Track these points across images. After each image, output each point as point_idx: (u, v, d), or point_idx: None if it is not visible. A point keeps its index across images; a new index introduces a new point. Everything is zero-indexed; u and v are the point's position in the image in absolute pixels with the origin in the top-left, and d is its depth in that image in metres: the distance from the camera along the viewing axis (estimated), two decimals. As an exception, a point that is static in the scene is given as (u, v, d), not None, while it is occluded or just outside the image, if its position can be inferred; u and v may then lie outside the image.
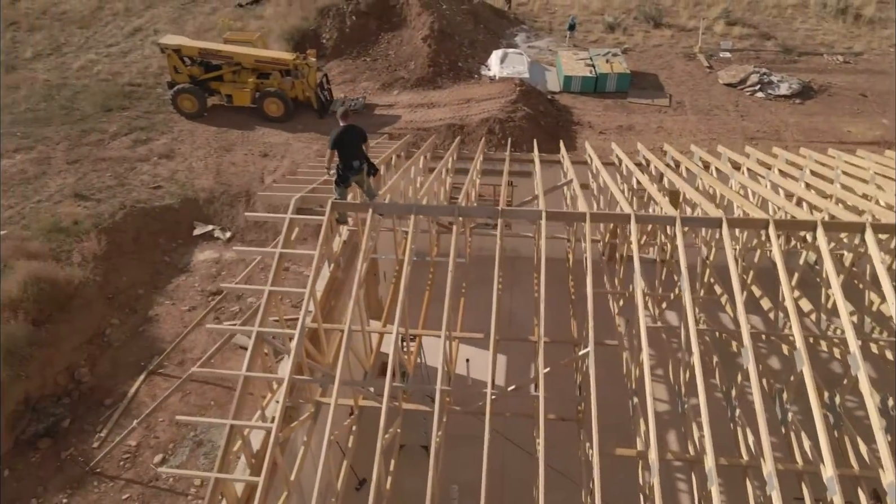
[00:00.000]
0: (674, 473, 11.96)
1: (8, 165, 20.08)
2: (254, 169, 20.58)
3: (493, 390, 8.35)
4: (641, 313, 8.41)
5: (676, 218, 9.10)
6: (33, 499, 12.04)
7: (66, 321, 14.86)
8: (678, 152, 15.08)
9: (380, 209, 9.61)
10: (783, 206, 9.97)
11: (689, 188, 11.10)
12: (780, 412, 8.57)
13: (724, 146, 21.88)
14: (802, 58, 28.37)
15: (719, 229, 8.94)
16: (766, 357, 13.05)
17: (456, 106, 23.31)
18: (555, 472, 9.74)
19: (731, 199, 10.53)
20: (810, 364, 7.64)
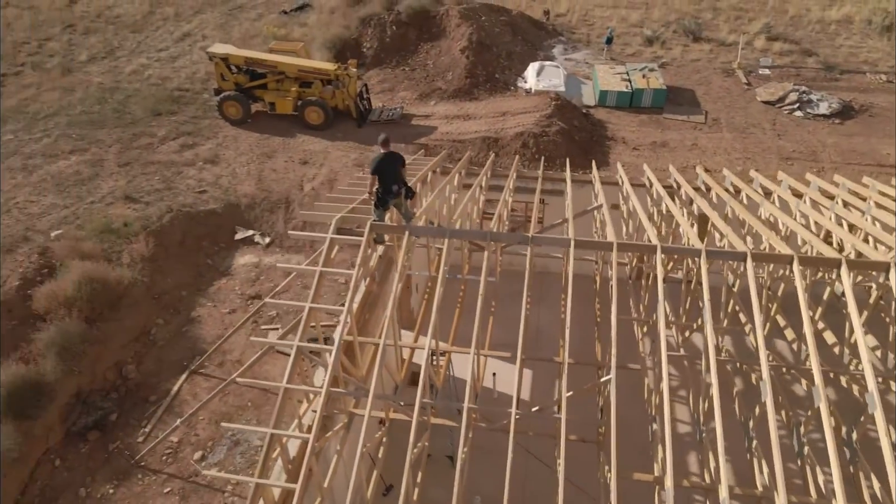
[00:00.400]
0: (691, 499, 12.22)
1: (64, 166, 21.17)
2: (293, 176, 21.31)
3: (518, 410, 8.77)
4: (663, 344, 8.74)
5: (702, 251, 9.40)
6: (82, 488, 12.85)
7: (116, 320, 15.72)
8: (709, 176, 15.25)
9: (415, 232, 10.10)
10: (810, 240, 10.17)
11: (716, 217, 11.35)
12: (796, 445, 8.82)
13: (759, 166, 21.95)
14: (844, 76, 28.04)
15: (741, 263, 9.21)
16: (790, 385, 13.21)
17: (491, 119, 23.72)
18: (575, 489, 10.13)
19: (758, 230, 10.75)
20: (827, 401, 7.89)
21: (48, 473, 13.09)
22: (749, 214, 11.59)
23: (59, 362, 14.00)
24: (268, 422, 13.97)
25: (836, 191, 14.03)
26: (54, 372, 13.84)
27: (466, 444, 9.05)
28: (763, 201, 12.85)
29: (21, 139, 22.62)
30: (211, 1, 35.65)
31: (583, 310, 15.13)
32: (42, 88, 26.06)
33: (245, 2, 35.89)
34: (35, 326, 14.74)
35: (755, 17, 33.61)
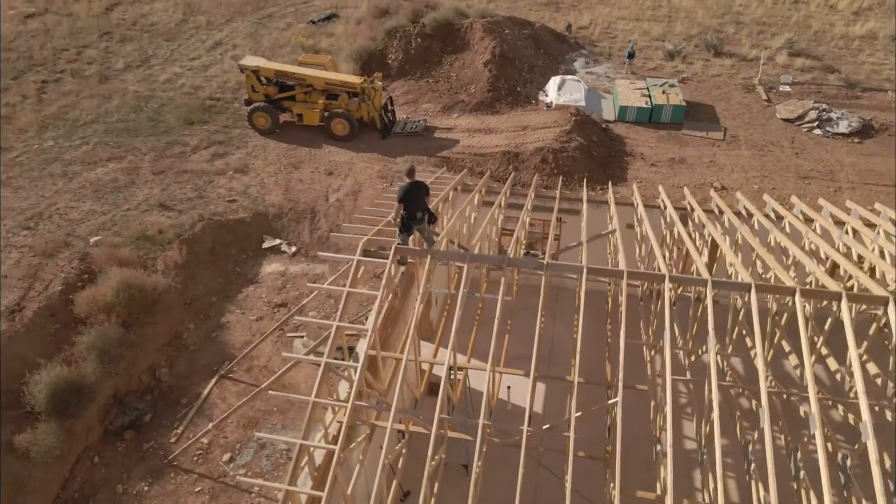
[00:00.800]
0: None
1: (102, 173, 22.14)
2: (319, 187, 22.07)
3: (529, 428, 9.37)
4: (668, 368, 9.28)
5: (708, 281, 9.91)
6: (119, 484, 13.69)
7: (150, 324, 16.58)
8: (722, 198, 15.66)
9: (438, 256, 10.74)
10: (814, 271, 10.61)
11: (726, 245, 11.83)
12: (793, 468, 9.30)
13: (776, 184, 22.27)
14: (866, 94, 28.14)
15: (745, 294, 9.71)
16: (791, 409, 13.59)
17: (512, 133, 24.28)
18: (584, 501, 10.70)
19: (765, 260, 11.21)
20: (823, 427, 8.38)
21: (87, 470, 13.96)
22: (757, 244, 12.04)
23: (99, 365, 14.87)
24: (292, 426, 14.79)
25: (847, 217, 14.34)
26: (94, 374, 14.71)
27: (481, 457, 9.66)
28: (773, 228, 13.28)
29: (61, 146, 23.66)
30: (241, 10, 36.62)
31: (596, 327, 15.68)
32: (81, 96, 27.13)
33: (275, 11, 36.80)
34: (77, 330, 15.64)
35: (778, 31, 33.74)
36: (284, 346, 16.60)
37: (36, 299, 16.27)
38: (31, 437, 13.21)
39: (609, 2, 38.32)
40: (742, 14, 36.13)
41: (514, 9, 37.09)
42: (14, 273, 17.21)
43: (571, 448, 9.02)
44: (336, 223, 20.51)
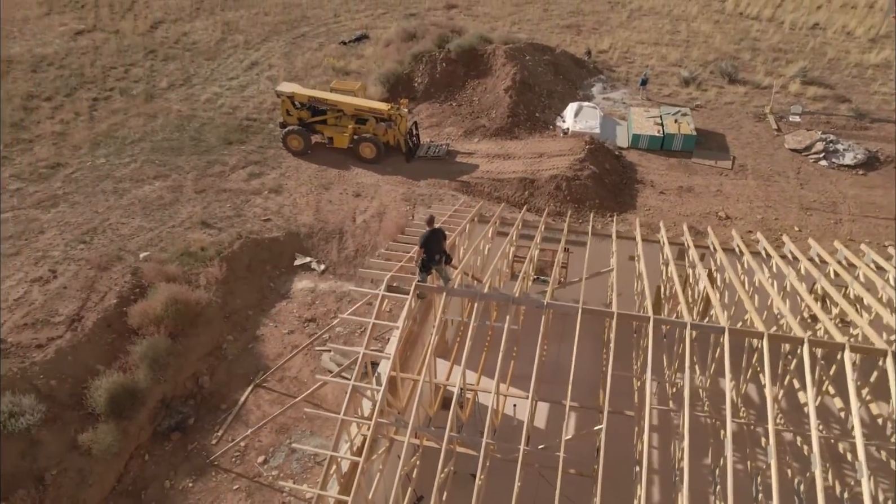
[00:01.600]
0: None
1: (149, 191, 24.10)
2: (347, 208, 23.76)
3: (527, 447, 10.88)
4: (648, 399, 10.71)
5: (688, 324, 11.33)
6: (167, 480, 15.49)
7: (194, 335, 18.40)
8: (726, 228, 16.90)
9: (452, 293, 12.30)
10: (823, 320, 11.81)
11: (710, 287, 13.22)
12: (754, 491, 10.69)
13: (779, 215, 23.48)
14: (875, 124, 29.06)
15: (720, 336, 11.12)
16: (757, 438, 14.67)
17: (529, 159, 25.73)
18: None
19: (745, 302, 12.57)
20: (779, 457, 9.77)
21: (139, 466, 15.79)
22: (741, 287, 13.37)
23: (150, 372, 16.70)
24: (319, 433, 16.48)
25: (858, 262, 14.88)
26: (145, 380, 16.54)
27: (484, 471, 11.18)
28: (756, 270, 14.58)
29: (112, 163, 25.69)
30: (276, 29, 38.54)
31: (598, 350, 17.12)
32: (129, 114, 29.20)
33: (308, 30, 38.65)
34: (130, 340, 17.51)
35: (794, 58, 34.68)
36: (314, 360, 18.31)
37: (94, 310, 18.17)
38: (92, 436, 15.06)
39: (630, 25, 39.52)
40: (759, 40, 37.09)
41: (537, 31, 38.52)
42: (73, 284, 19.15)
43: (561, 466, 10.52)
44: (362, 244, 22.20)
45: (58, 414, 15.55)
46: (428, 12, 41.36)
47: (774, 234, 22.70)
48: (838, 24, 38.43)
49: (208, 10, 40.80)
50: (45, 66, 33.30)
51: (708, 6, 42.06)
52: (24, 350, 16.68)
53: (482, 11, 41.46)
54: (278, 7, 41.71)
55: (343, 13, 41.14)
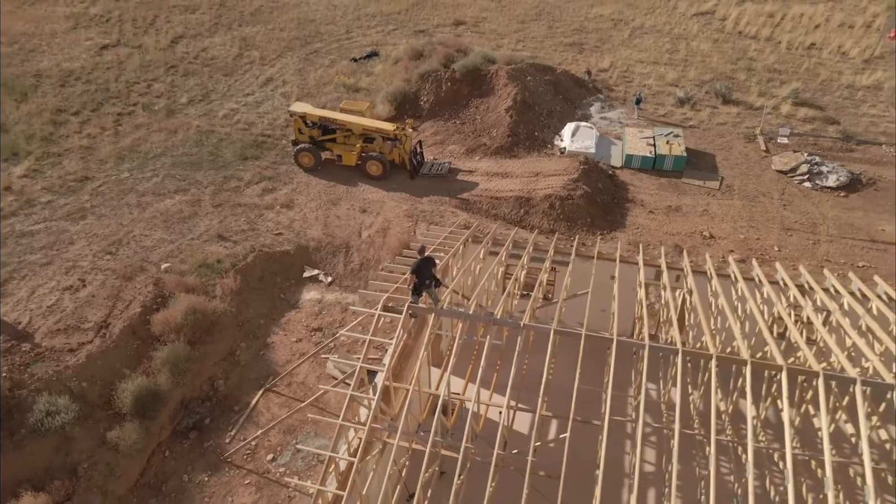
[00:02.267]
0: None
1: (170, 205, 25.86)
2: (353, 223, 25.38)
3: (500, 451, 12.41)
4: (608, 410, 12.21)
5: (646, 346, 12.82)
6: (185, 475, 17.18)
7: (210, 343, 20.10)
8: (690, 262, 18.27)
9: (441, 314, 13.85)
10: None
11: (672, 311, 14.68)
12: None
13: (761, 235, 24.81)
14: (861, 146, 30.26)
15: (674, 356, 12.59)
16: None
17: (526, 178, 27.23)
18: None
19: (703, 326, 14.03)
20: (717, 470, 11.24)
21: (160, 462, 17.49)
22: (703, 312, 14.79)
23: (170, 376, 18.42)
24: (323, 434, 18.09)
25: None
26: (167, 383, 18.25)
27: (464, 472, 12.71)
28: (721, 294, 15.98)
29: (136, 177, 27.49)
30: (290, 45, 40.26)
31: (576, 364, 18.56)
32: (151, 129, 31.01)
33: (321, 46, 40.33)
34: (152, 346, 19.24)
35: (788, 79, 35.87)
36: (320, 366, 19.94)
37: (120, 318, 19.93)
38: (119, 434, 16.78)
39: (631, 44, 40.86)
40: (756, 60, 38.30)
41: (541, 48, 39.96)
42: (100, 293, 20.93)
43: (529, 468, 12.04)
44: (367, 258, 23.81)
45: (89, 413, 17.31)
46: (437, 29, 42.92)
47: (755, 253, 24.06)
48: (834, 45, 39.53)
49: (226, 26, 42.60)
50: (72, 80, 35.23)
51: (708, 24, 43.27)
52: (58, 354, 18.46)
53: (489, 28, 42.94)
54: (293, 23, 43.43)
55: (355, 29, 42.79)
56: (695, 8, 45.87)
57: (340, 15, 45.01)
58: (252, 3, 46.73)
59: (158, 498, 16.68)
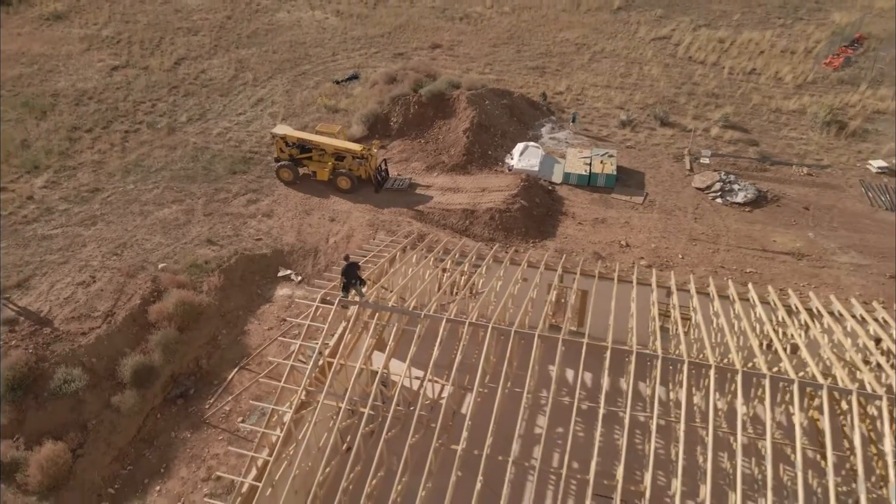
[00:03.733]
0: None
1: (168, 213, 30.34)
2: (323, 231, 29.77)
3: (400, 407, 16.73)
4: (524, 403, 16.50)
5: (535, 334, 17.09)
6: (172, 433, 21.60)
7: (196, 329, 24.54)
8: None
9: (364, 305, 18.21)
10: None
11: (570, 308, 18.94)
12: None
13: (670, 244, 28.90)
14: (774, 167, 34.36)
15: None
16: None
17: (474, 193, 31.54)
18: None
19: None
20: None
21: (153, 422, 21.93)
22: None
23: (163, 355, 22.86)
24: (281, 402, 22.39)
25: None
26: (159, 361, 22.70)
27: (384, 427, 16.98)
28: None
29: (139, 189, 32.01)
30: (281, 66, 44.72)
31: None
32: (153, 146, 35.54)
33: (308, 68, 44.77)
34: (149, 331, 23.68)
35: (723, 104, 39.95)
36: (285, 349, 24.31)
37: (123, 308, 24.41)
38: (121, 399, 21.23)
39: (589, 67, 45.06)
40: (699, 84, 42.40)
41: (507, 71, 44.25)
42: (108, 288, 25.42)
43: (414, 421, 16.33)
44: (332, 260, 28.15)
45: (97, 382, 21.79)
46: (415, 51, 47.29)
47: (662, 260, 28.24)
48: (772, 71, 43.56)
49: (224, 48, 47.13)
50: (85, 99, 39.84)
51: (662, 50, 47.38)
52: (72, 336, 22.96)
53: (462, 52, 47.25)
54: (285, 45, 47.91)
55: (341, 51, 47.21)
56: (654, 33, 50.00)
57: (329, 37, 49.46)
58: (249, 25, 51.28)
59: (151, 450, 21.14)
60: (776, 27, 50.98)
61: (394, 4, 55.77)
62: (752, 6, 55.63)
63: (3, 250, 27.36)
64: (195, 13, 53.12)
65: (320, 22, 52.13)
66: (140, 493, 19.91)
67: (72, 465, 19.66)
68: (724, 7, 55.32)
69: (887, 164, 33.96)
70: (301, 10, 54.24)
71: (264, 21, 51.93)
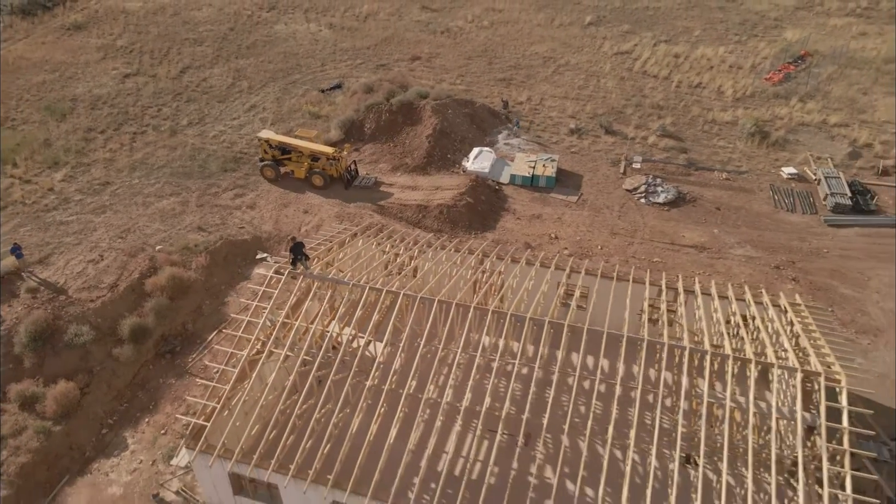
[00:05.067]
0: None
1: (166, 204, 35.58)
2: (297, 221, 34.86)
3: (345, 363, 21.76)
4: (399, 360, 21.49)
5: (435, 301, 22.01)
6: (161, 379, 26.78)
7: (184, 299, 29.72)
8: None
9: (308, 276, 23.22)
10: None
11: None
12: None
13: (592, 236, 33.67)
14: (698, 171, 38.95)
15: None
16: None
17: (429, 191, 36.50)
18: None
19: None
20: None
21: (146, 371, 27.12)
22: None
23: (155, 319, 28.06)
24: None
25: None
26: (153, 324, 27.90)
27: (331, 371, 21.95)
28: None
29: (143, 183, 37.30)
30: (274, 76, 49.91)
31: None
32: (157, 146, 40.87)
33: (299, 77, 49.91)
34: (145, 299, 28.87)
35: (665, 115, 44.52)
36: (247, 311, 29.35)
37: (125, 281, 29.64)
38: (120, 351, 26.45)
39: (552, 79, 49.79)
40: (647, 97, 46.97)
41: (477, 82, 49.11)
42: (113, 265, 30.66)
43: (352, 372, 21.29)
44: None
45: (101, 338, 27.02)
46: (396, 63, 52.28)
47: (584, 250, 33.00)
48: (716, 85, 48.06)
49: (224, 58, 52.44)
50: (100, 104, 45.29)
51: (621, 64, 51.98)
52: (83, 302, 28.21)
53: (439, 64, 52.17)
54: (280, 56, 53.11)
55: (329, 62, 52.33)
56: (617, 48, 54.60)
57: (320, 49, 54.60)
58: (249, 37, 56.57)
59: (143, 392, 26.34)
60: (731, 43, 55.36)
61: (382, 18, 60.80)
62: (714, 22, 59.99)
63: (26, 233, 32.74)
64: (201, 25, 58.50)
65: (314, 34, 57.28)
66: (133, 423, 25.12)
67: (80, 400, 24.92)
68: (688, 23, 59.74)
69: (797, 170, 38.48)
70: (297, 23, 59.43)
71: (263, 33, 57.18)
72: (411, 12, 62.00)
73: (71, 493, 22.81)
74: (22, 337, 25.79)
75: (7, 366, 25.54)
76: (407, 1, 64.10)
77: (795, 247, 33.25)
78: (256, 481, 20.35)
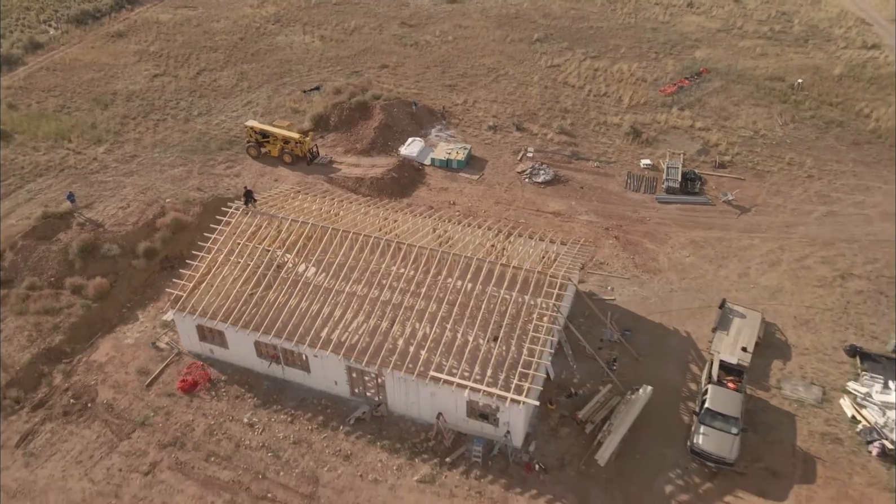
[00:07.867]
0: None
1: (176, 172, 48.99)
2: (269, 186, 47.88)
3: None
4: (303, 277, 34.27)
5: (361, 236, 34.76)
6: (162, 282, 40.01)
7: (183, 234, 42.94)
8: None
9: (254, 212, 36.08)
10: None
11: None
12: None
13: (480, 205, 46.14)
14: (577, 161, 50.92)
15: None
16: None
17: (367, 168, 49.24)
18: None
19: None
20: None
21: (154, 278, 40.40)
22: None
23: (161, 245, 41.43)
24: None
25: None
26: (159, 248, 41.25)
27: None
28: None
29: (161, 157, 50.79)
30: (270, 78, 63.12)
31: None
32: (174, 130, 54.38)
33: (289, 79, 63.01)
34: (155, 232, 42.17)
35: (568, 117, 56.42)
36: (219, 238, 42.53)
37: (143, 219, 43.06)
38: (137, 263, 39.87)
39: (489, 87, 62.02)
40: (559, 102, 58.83)
41: (427, 87, 61.59)
42: (135, 210, 44.14)
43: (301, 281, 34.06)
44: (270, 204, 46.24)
45: (125, 254, 40.41)
46: (368, 70, 65.02)
47: (471, 213, 45.27)
48: (618, 94, 59.76)
49: (233, 63, 65.84)
50: (133, 97, 59.05)
51: (548, 76, 63.86)
52: (114, 232, 41.67)
53: (402, 72, 64.73)
54: (277, 62, 66.29)
55: (315, 68, 65.34)
56: (551, 62, 66.46)
57: (309, 57, 67.66)
58: (255, 45, 69.91)
59: (150, 290, 39.66)
60: (648, 60, 66.79)
61: (366, 32, 73.62)
62: (642, 42, 71.34)
63: (78, 188, 46.43)
64: (218, 35, 72.08)
65: (307, 44, 70.37)
66: (142, 307, 38.44)
67: (109, 290, 38.31)
68: (619, 42, 71.22)
69: (652, 162, 50.24)
70: (295, 35, 72.59)
71: (266, 42, 70.47)
72: (391, 27, 74.64)
73: (102, 343, 36.14)
74: (74, 249, 39.28)
75: (65, 267, 39.08)
76: (390, 17, 76.85)
77: (627, 216, 45.17)
78: (213, 330, 33.36)
